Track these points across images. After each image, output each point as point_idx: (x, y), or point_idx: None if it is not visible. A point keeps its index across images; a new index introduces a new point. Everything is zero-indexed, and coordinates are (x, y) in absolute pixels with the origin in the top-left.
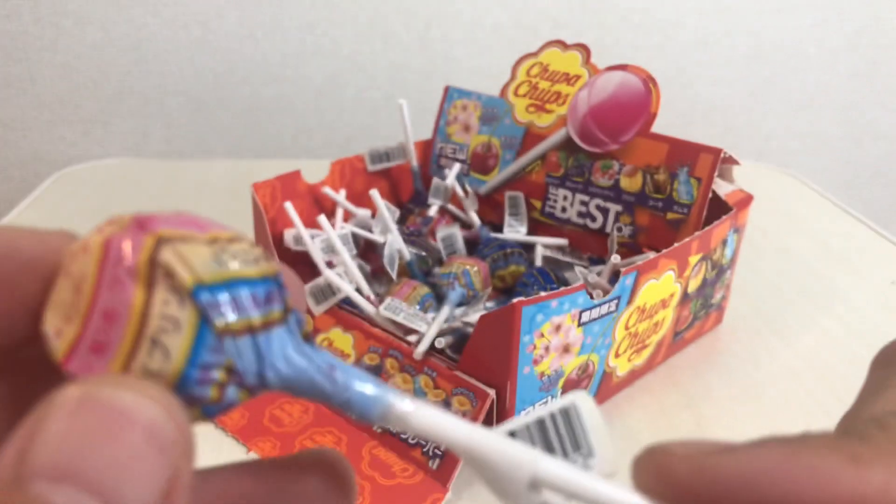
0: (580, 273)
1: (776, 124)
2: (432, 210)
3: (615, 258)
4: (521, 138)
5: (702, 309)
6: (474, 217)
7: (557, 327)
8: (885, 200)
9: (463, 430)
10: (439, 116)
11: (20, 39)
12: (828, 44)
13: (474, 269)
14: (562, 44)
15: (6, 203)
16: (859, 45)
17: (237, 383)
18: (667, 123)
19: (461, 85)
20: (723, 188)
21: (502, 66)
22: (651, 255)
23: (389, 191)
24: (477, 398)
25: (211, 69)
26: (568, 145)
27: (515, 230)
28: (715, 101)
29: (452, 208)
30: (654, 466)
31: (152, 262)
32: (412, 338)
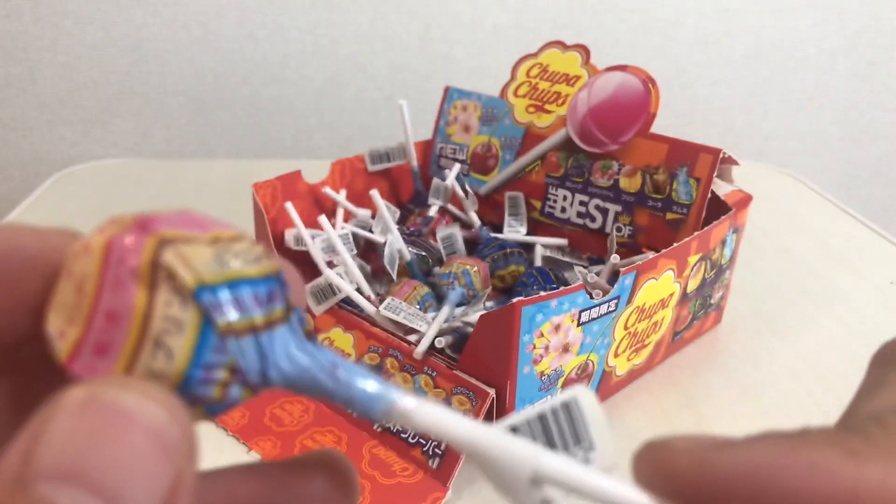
0: (580, 273)
1: (775, 124)
2: (432, 210)
3: (614, 258)
4: (520, 139)
5: (701, 309)
6: (474, 217)
7: (557, 327)
8: (884, 200)
9: (465, 427)
10: (439, 117)
11: (20, 39)
12: (827, 44)
13: (474, 269)
14: (561, 44)
15: (7, 203)
16: (858, 46)
17: (240, 382)
18: (666, 124)
19: (461, 85)
20: (722, 188)
21: (502, 67)
22: (650, 255)
23: (389, 191)
24: (477, 397)
25: (211, 69)
26: (567, 146)
27: (515, 230)
28: (714, 102)
29: (452, 208)
30: (653, 461)
31: (154, 264)
32: (412, 337)
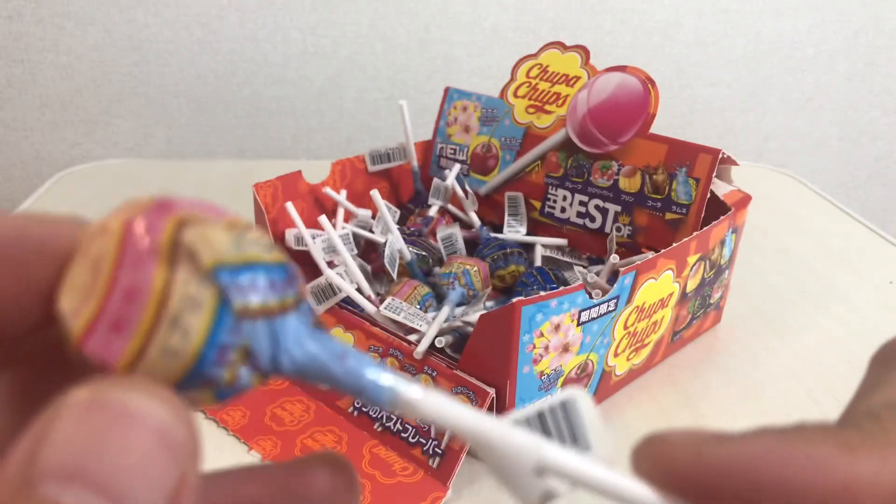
0: (579, 273)
1: (774, 125)
2: (432, 210)
3: (614, 258)
4: (520, 139)
5: (700, 308)
6: (474, 217)
7: (557, 327)
8: (883, 200)
9: (470, 417)
10: (439, 117)
11: (22, 40)
12: (826, 45)
13: (474, 268)
14: (561, 45)
15: (8, 203)
16: (857, 47)
17: (251, 366)
18: (665, 124)
19: (461, 86)
20: (721, 188)
21: (502, 68)
22: (650, 255)
23: (390, 191)
24: (477, 397)
25: (212, 70)
26: (567, 146)
27: (515, 230)
28: (713, 102)
29: (452, 208)
30: (652, 454)
31: (175, 242)
32: (413, 337)
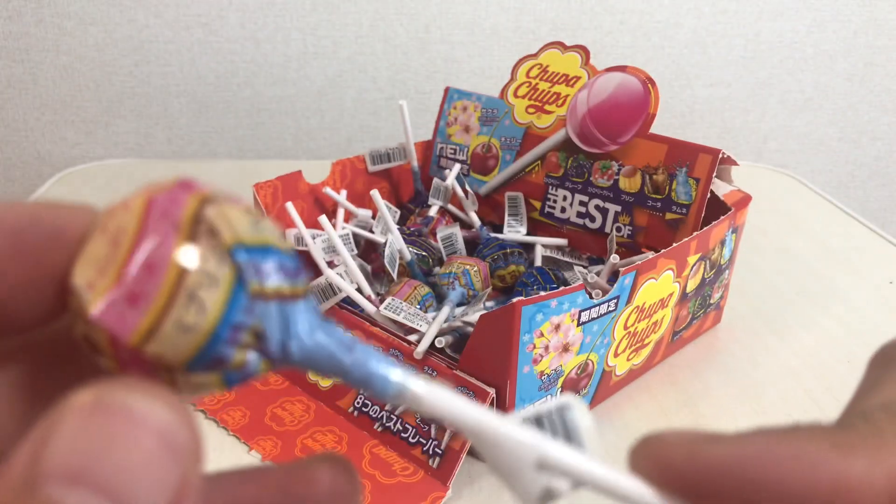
0: (579, 273)
1: (774, 125)
2: (432, 210)
3: (614, 258)
4: (520, 139)
5: (700, 308)
6: (474, 217)
7: (557, 327)
8: (882, 200)
9: (474, 412)
10: (439, 117)
11: (22, 40)
12: (825, 45)
13: (474, 268)
14: (561, 45)
15: None
16: (856, 47)
17: (261, 350)
18: (665, 124)
19: (461, 86)
20: (721, 188)
21: (502, 68)
22: (650, 255)
23: (390, 191)
24: (477, 397)
25: (213, 70)
26: (567, 146)
27: (515, 230)
28: (713, 102)
29: (452, 208)
30: (649, 453)
31: (197, 219)
32: (413, 337)
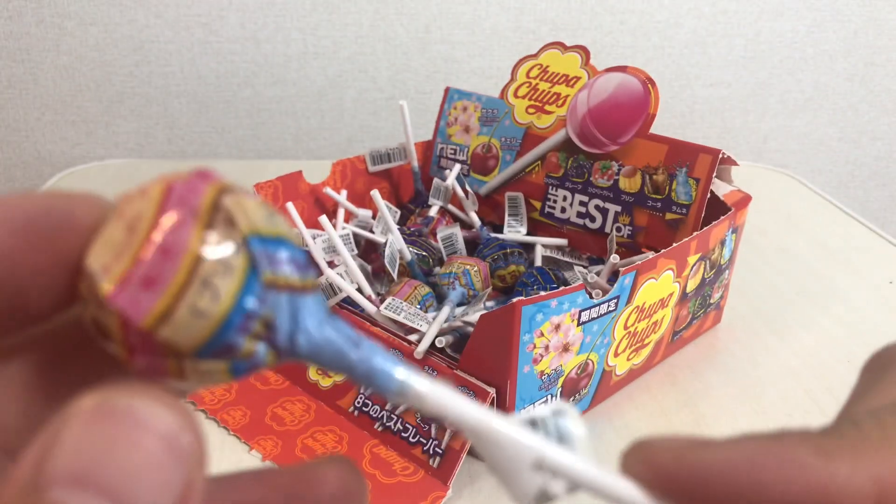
0: (579, 273)
1: (774, 125)
2: (433, 210)
3: (614, 258)
4: (520, 139)
5: (700, 308)
6: (474, 217)
7: (557, 327)
8: (882, 200)
9: (475, 412)
10: (440, 117)
11: (23, 40)
12: (825, 45)
13: (474, 268)
14: (561, 45)
15: None
16: (856, 47)
17: (269, 341)
18: (665, 124)
19: (461, 86)
20: (721, 188)
21: (502, 68)
22: (650, 255)
23: (390, 191)
24: (477, 397)
25: (213, 70)
26: (567, 146)
27: (515, 230)
28: (713, 102)
29: (453, 209)
30: (639, 458)
31: (215, 207)
32: (413, 337)
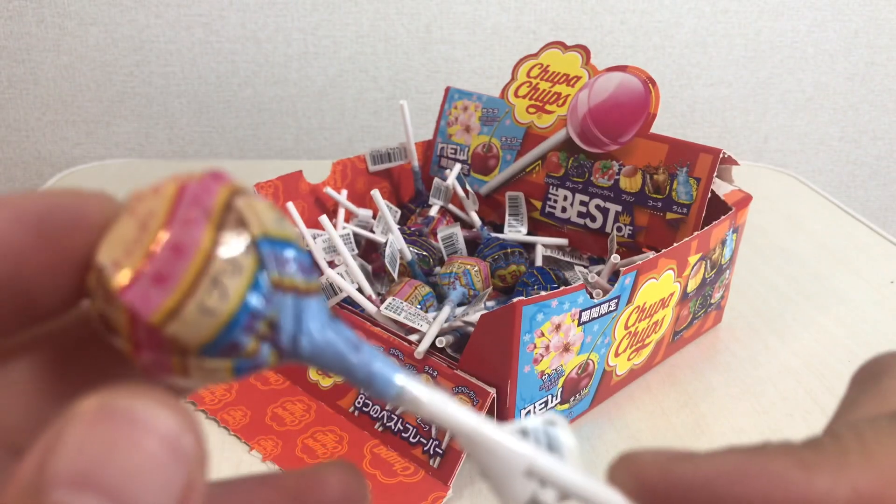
0: (580, 273)
1: (774, 125)
2: (433, 210)
3: (615, 258)
4: (521, 139)
5: (701, 308)
6: (475, 217)
7: (557, 326)
8: (883, 200)
9: (470, 419)
10: (440, 117)
11: (23, 40)
12: (826, 45)
13: (475, 268)
14: (562, 45)
15: None
16: (857, 47)
17: (273, 342)
18: (666, 124)
19: (462, 86)
20: (722, 188)
21: (503, 67)
22: (650, 255)
23: (390, 191)
24: (478, 397)
25: (213, 70)
26: (568, 146)
27: (516, 230)
28: (714, 102)
29: (453, 208)
30: (626, 471)
31: (227, 207)
32: (413, 337)
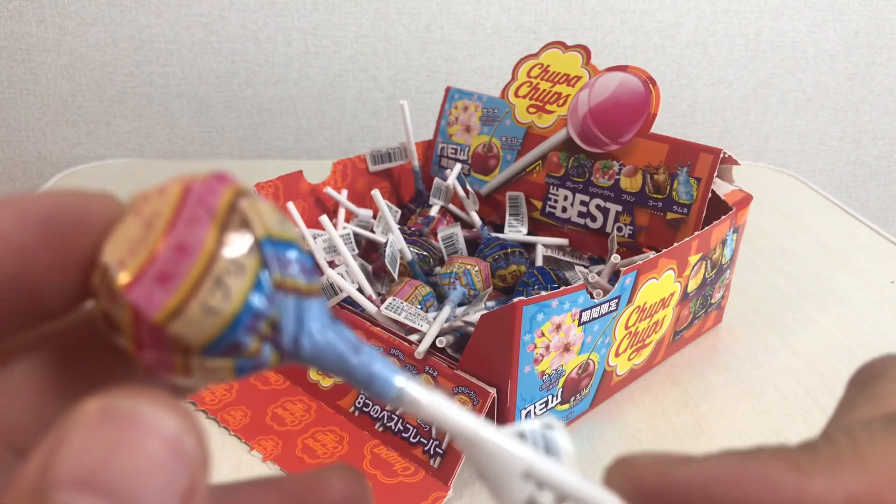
0: (580, 273)
1: (775, 125)
2: (433, 210)
3: (615, 258)
4: (521, 139)
5: (701, 308)
6: (475, 217)
7: (558, 326)
8: (883, 200)
9: (469, 421)
10: (440, 117)
11: (24, 40)
12: (826, 45)
13: (475, 268)
14: (562, 45)
15: None
16: (857, 46)
17: (274, 342)
18: (666, 124)
19: (462, 86)
20: (722, 188)
21: (503, 67)
22: (651, 255)
23: (391, 191)
24: (478, 397)
25: (213, 70)
26: (568, 146)
27: (516, 230)
28: (714, 102)
29: (453, 208)
30: (622, 474)
31: (231, 209)
32: (414, 337)
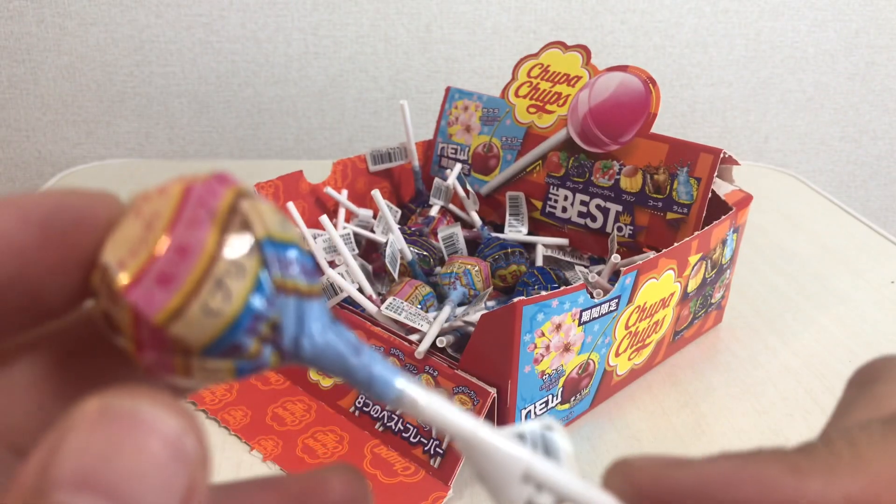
0: (580, 272)
1: (775, 125)
2: (434, 210)
3: (615, 258)
4: (521, 139)
5: (701, 308)
6: (475, 217)
7: (558, 326)
8: (883, 200)
9: (468, 423)
10: (440, 117)
11: (24, 40)
12: (826, 45)
13: (475, 268)
14: (562, 45)
15: None
16: (857, 46)
17: (275, 344)
18: (666, 124)
19: (462, 86)
20: (722, 188)
21: (503, 67)
22: (651, 255)
23: (391, 191)
24: (478, 397)
25: (214, 70)
26: (568, 146)
27: (516, 230)
28: (714, 102)
29: (453, 208)
30: (620, 477)
31: (232, 210)
32: (414, 337)
